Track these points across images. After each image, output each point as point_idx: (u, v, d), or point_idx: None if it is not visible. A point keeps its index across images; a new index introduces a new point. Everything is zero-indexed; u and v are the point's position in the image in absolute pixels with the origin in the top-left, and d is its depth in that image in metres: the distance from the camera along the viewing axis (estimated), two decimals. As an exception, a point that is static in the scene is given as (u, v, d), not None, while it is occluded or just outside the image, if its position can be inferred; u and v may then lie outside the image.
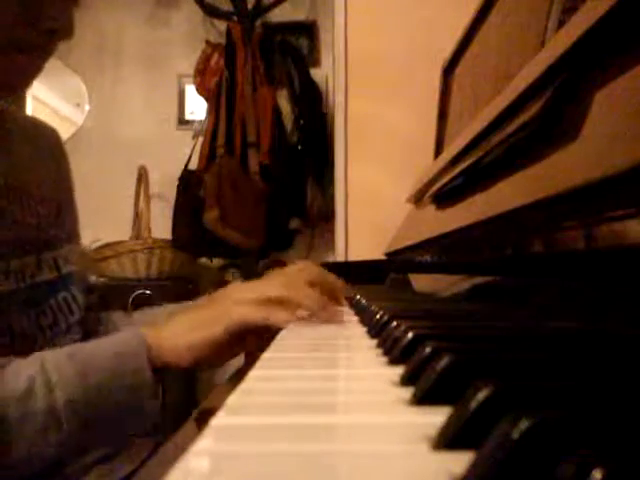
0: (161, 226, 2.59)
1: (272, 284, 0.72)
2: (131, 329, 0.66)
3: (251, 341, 0.71)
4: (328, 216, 2.42)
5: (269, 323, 0.67)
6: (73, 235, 0.86)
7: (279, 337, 0.62)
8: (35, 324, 0.74)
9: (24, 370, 0.58)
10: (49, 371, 0.58)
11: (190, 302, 0.89)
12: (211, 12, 2.79)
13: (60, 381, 0.58)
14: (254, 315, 0.67)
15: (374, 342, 0.53)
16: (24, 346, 0.69)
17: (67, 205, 0.86)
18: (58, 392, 0.57)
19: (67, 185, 0.88)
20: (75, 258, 0.83)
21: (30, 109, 2.97)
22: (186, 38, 2.99)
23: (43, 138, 0.86)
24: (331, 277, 0.81)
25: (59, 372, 0.58)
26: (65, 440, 0.57)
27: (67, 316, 0.79)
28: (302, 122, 2.62)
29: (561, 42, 0.45)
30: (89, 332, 0.83)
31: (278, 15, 2.80)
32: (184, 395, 2.27)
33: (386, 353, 0.46)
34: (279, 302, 0.69)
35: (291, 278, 0.74)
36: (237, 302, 0.69)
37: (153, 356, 0.63)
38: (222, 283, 2.28)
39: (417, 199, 1.17)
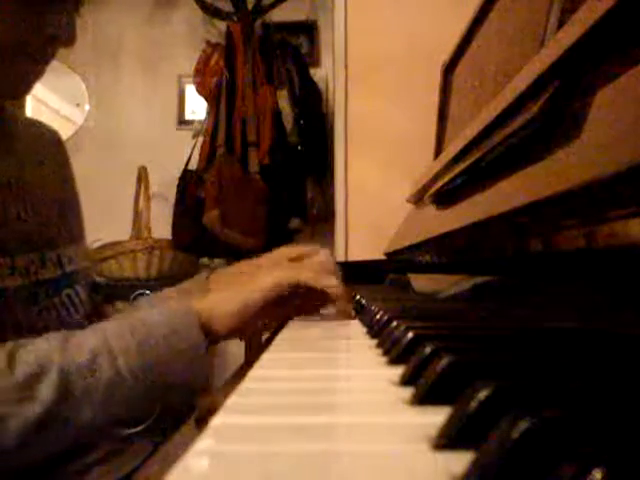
0: (161, 226, 2.59)
1: (313, 260, 0.76)
2: (178, 301, 0.68)
3: (291, 306, 0.76)
4: (328, 216, 2.42)
5: (299, 282, 0.70)
6: (77, 235, 0.86)
7: (279, 337, 0.62)
8: (40, 320, 0.74)
9: (88, 342, 0.60)
10: (111, 342, 0.60)
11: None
12: (211, 12, 2.80)
13: (122, 352, 0.60)
14: (285, 277, 0.70)
15: (374, 342, 0.53)
16: None
17: (70, 205, 0.86)
18: (122, 361, 0.59)
19: (69, 186, 0.89)
20: (80, 257, 0.84)
21: (30, 109, 2.97)
22: (186, 38, 2.99)
23: (44, 139, 0.87)
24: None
25: (121, 343, 0.60)
26: (128, 406, 0.60)
27: (71, 313, 0.79)
28: (302, 122, 2.62)
29: (561, 42, 0.45)
30: None
31: (278, 15, 2.80)
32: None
33: (386, 353, 0.46)
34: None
35: (324, 265, 0.77)
36: (270, 268, 0.72)
37: (203, 327, 0.65)
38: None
39: (417, 199, 1.17)
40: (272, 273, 0.70)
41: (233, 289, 0.70)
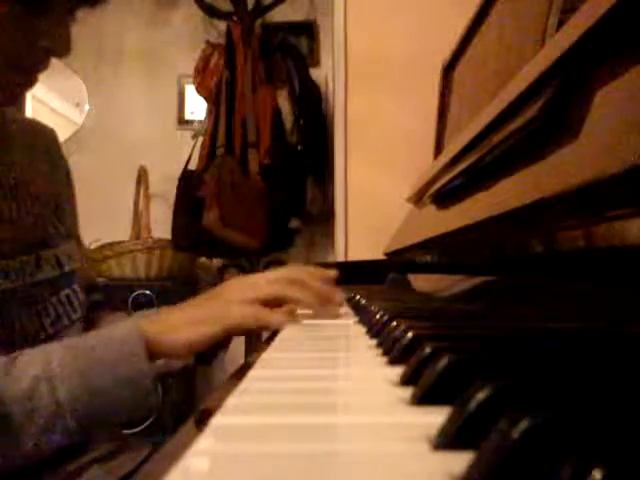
0: (161, 226, 2.59)
1: (270, 280, 0.73)
2: (129, 323, 0.66)
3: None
4: (328, 216, 2.42)
5: (266, 325, 0.68)
6: (73, 233, 0.86)
7: (279, 337, 0.62)
8: (37, 321, 0.74)
9: (29, 368, 0.59)
10: (53, 369, 0.59)
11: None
12: (211, 12, 2.79)
13: (63, 380, 0.59)
14: (252, 317, 0.68)
15: (374, 342, 0.53)
16: (26, 343, 0.70)
17: (65, 203, 0.86)
18: (61, 389, 0.58)
19: (65, 184, 0.89)
20: (78, 255, 0.83)
21: (30, 109, 2.97)
22: (186, 38, 2.99)
23: (39, 137, 0.87)
24: (320, 271, 0.81)
25: (62, 369, 0.59)
26: (70, 432, 0.59)
27: (69, 313, 0.79)
28: (302, 122, 2.62)
29: (561, 42, 0.45)
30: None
31: (278, 15, 2.80)
32: (184, 395, 2.27)
33: (386, 353, 0.46)
34: (276, 300, 0.71)
35: (287, 273, 0.76)
36: (237, 302, 0.70)
37: (151, 351, 0.64)
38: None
39: (417, 199, 1.17)
40: (237, 309, 0.68)
41: (192, 314, 0.69)
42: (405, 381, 0.36)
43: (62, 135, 2.99)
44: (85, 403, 0.59)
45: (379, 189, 1.86)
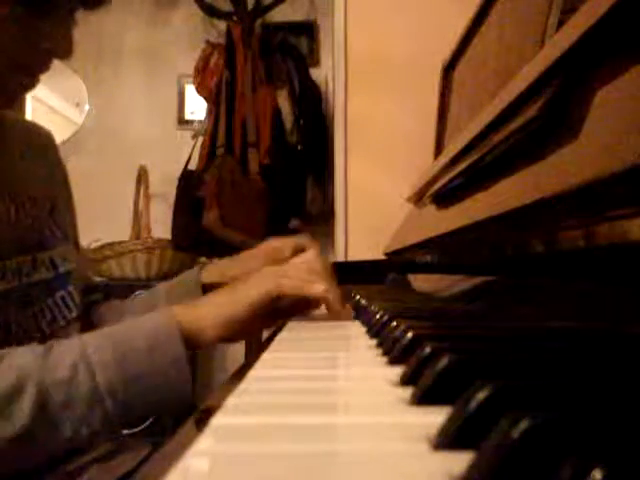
0: (161, 226, 2.59)
1: (299, 266, 0.75)
2: (163, 310, 0.67)
3: (278, 314, 0.75)
4: (328, 216, 2.42)
5: (284, 293, 0.69)
6: (69, 235, 0.86)
7: (279, 337, 0.62)
8: (33, 322, 0.74)
9: (67, 357, 0.60)
10: (91, 356, 0.60)
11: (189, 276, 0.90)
12: (211, 12, 2.79)
13: (101, 367, 0.59)
14: (271, 289, 0.69)
15: (374, 342, 0.53)
16: (21, 344, 0.70)
17: (62, 206, 0.86)
18: (100, 377, 0.59)
19: (61, 186, 0.89)
20: (73, 257, 0.83)
21: (30, 109, 2.97)
22: (186, 38, 2.99)
23: (37, 139, 0.87)
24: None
25: (99, 357, 0.60)
26: (108, 420, 0.60)
27: (65, 314, 0.79)
28: (302, 122, 2.62)
29: (561, 42, 0.45)
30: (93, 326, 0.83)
31: (278, 15, 2.80)
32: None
33: (386, 353, 0.46)
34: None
35: (311, 265, 0.76)
36: (259, 281, 0.70)
37: (186, 337, 0.64)
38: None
39: (417, 199, 1.17)
40: (258, 285, 0.69)
41: (220, 299, 0.69)
42: (405, 381, 0.36)
43: (62, 135, 2.99)
44: (123, 390, 0.60)
45: (379, 189, 1.86)
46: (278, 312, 0.74)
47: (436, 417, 0.26)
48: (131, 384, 0.60)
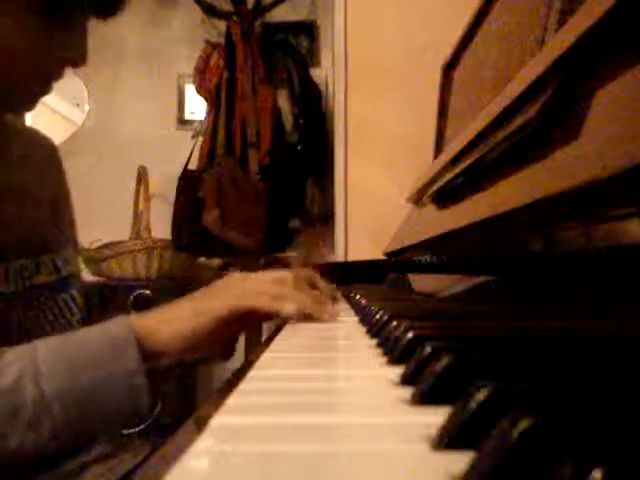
0: (161, 226, 2.59)
1: (266, 279, 0.71)
2: (120, 319, 0.64)
3: (244, 328, 0.72)
4: (328, 216, 2.42)
5: (253, 309, 0.66)
6: (70, 239, 0.86)
7: (279, 337, 0.62)
8: (35, 325, 0.74)
9: (15, 362, 0.58)
10: (39, 364, 0.58)
11: None
12: (211, 12, 2.79)
13: (50, 373, 0.57)
14: (239, 303, 0.66)
15: (374, 342, 0.53)
16: None
17: (63, 210, 0.86)
18: (47, 384, 0.57)
19: (62, 191, 0.89)
20: (75, 260, 0.84)
21: (30, 109, 2.96)
22: (186, 38, 2.99)
23: (39, 146, 0.88)
24: (320, 282, 0.80)
25: (49, 364, 0.58)
26: (58, 431, 0.57)
27: (67, 317, 0.79)
28: (302, 122, 2.62)
29: (561, 42, 0.45)
30: None
31: (278, 15, 2.80)
32: (184, 395, 2.27)
33: (386, 353, 0.46)
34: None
35: (284, 275, 0.73)
36: (237, 290, 0.68)
37: (144, 347, 0.61)
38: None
39: (417, 199, 1.17)
40: (224, 298, 0.66)
41: (184, 308, 0.66)
42: (405, 381, 0.36)
43: (62, 135, 2.99)
44: (73, 400, 0.57)
45: (379, 189, 1.86)
46: (243, 324, 0.70)
47: (436, 417, 0.26)
48: (82, 394, 0.58)
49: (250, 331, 0.74)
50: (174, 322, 0.64)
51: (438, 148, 1.32)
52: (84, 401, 0.58)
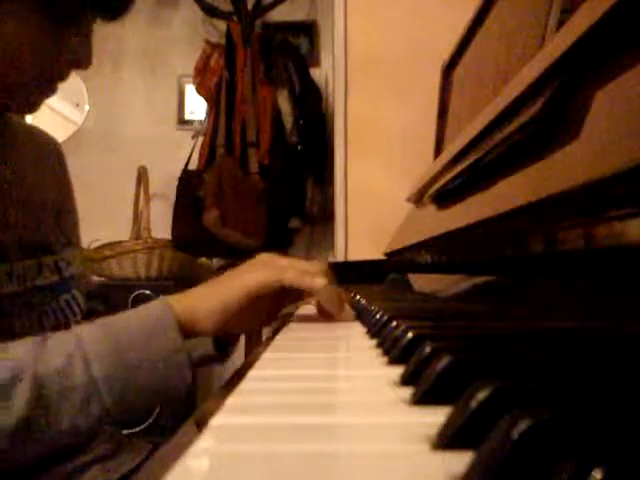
0: (161, 226, 2.59)
1: (295, 260, 0.73)
2: (158, 300, 0.66)
3: (274, 306, 0.74)
4: (328, 216, 2.42)
5: (283, 283, 0.68)
6: (73, 239, 0.87)
7: (279, 337, 0.62)
8: (37, 325, 0.74)
9: (62, 347, 0.59)
10: (85, 347, 0.59)
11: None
12: (211, 12, 2.79)
13: (97, 357, 0.59)
14: (269, 277, 0.68)
15: (374, 342, 0.53)
16: None
17: (66, 210, 0.87)
18: (96, 367, 0.59)
19: (66, 191, 0.90)
20: (77, 261, 0.84)
21: (30, 109, 2.96)
22: (186, 38, 2.99)
23: (44, 145, 0.88)
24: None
25: (95, 348, 0.59)
26: (106, 411, 0.59)
27: (69, 318, 0.79)
28: (302, 122, 2.62)
29: (561, 42, 0.45)
30: None
31: (278, 15, 2.80)
32: (184, 395, 2.26)
33: (386, 353, 0.46)
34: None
35: (314, 262, 0.75)
36: (255, 269, 0.69)
37: (183, 325, 0.64)
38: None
39: (417, 199, 1.17)
40: (255, 272, 0.68)
41: (214, 287, 0.69)
42: (405, 381, 0.36)
43: (62, 135, 2.99)
44: (120, 379, 0.59)
45: (379, 189, 1.86)
46: (274, 304, 0.73)
47: (436, 417, 0.26)
48: (128, 374, 0.60)
49: (284, 306, 0.77)
50: (209, 299, 0.66)
51: (438, 148, 1.32)
52: (130, 381, 0.60)
